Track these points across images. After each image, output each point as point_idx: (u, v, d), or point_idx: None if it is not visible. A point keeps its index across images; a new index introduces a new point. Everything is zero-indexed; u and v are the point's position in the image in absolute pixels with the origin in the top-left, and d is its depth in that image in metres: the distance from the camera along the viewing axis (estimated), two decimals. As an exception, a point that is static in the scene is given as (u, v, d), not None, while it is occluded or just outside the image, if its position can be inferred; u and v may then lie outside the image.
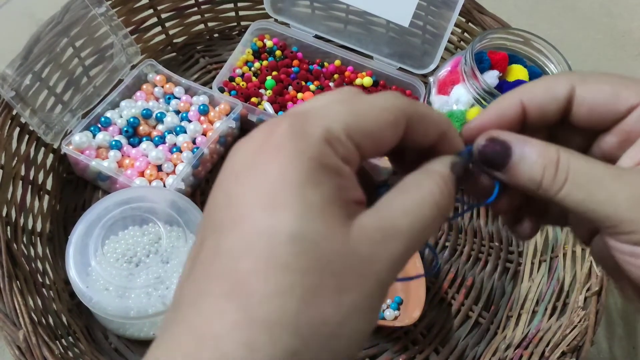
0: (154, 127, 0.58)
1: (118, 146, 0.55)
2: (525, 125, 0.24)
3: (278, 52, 0.65)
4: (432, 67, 0.61)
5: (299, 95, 0.62)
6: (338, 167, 0.19)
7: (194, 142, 0.57)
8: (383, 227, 0.19)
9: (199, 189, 0.58)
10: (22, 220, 0.50)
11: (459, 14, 0.59)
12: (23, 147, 0.53)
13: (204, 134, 0.58)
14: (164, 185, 0.54)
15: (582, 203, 0.21)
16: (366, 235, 0.19)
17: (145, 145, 0.55)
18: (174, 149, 0.56)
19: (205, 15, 0.69)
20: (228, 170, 0.20)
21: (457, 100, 0.51)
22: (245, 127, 0.61)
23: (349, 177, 0.19)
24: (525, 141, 0.22)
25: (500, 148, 0.22)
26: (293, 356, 0.17)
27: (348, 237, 0.18)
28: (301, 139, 0.18)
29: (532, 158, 0.22)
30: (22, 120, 0.53)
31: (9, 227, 0.48)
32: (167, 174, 0.55)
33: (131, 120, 0.57)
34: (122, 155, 0.55)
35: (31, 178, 0.53)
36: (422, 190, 0.20)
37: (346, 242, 0.18)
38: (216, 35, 0.70)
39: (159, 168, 0.55)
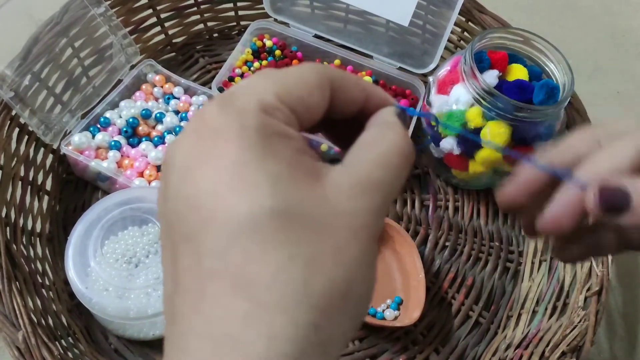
0: (154, 127, 0.58)
1: (117, 146, 0.55)
2: None
3: (277, 52, 0.65)
4: (432, 66, 0.61)
5: (299, 95, 0.62)
6: (286, 131, 0.19)
7: (193, 142, 0.57)
8: (358, 181, 0.19)
9: (199, 189, 0.58)
10: (21, 221, 0.50)
11: (459, 13, 0.58)
12: (22, 147, 0.53)
13: (204, 134, 0.57)
14: (164, 186, 0.54)
15: None
16: (343, 192, 0.18)
17: (144, 145, 0.55)
18: (174, 149, 0.56)
19: (205, 15, 0.69)
20: (172, 173, 0.18)
21: (456, 100, 0.51)
22: (244, 127, 0.61)
23: (300, 139, 0.19)
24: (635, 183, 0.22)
25: (619, 194, 0.22)
26: (316, 330, 0.16)
27: (325, 196, 0.18)
28: (238, 115, 0.18)
29: None
30: (22, 120, 0.53)
31: (8, 228, 0.48)
32: (167, 174, 0.55)
33: (130, 120, 0.57)
34: (122, 156, 0.55)
35: (30, 178, 0.53)
36: (386, 142, 0.20)
37: (326, 202, 0.18)
38: (216, 35, 0.70)
39: (159, 168, 0.55)
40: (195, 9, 0.68)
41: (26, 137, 0.54)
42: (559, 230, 0.24)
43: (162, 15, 0.66)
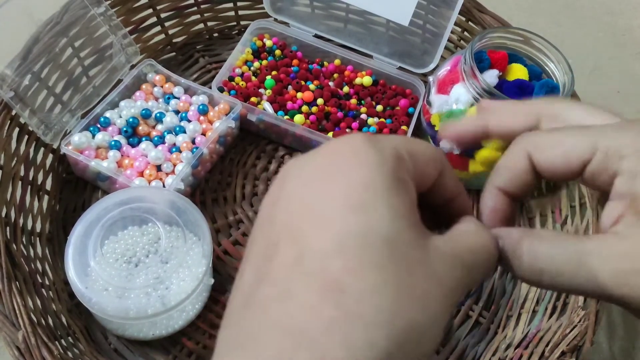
0: (154, 127, 0.58)
1: (117, 146, 0.55)
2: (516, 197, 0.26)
3: (278, 52, 0.65)
4: (432, 66, 0.61)
5: (299, 94, 0.62)
6: (408, 182, 0.20)
7: (193, 142, 0.57)
8: (454, 254, 0.20)
9: (199, 189, 0.58)
10: (21, 221, 0.50)
11: (459, 13, 0.58)
12: (22, 147, 0.53)
13: (204, 134, 0.57)
14: (164, 186, 0.54)
15: (567, 280, 0.22)
16: (441, 256, 0.20)
17: (144, 145, 0.55)
18: (174, 149, 0.56)
19: (205, 14, 0.69)
20: (296, 178, 0.20)
21: (456, 99, 0.51)
22: (244, 127, 0.61)
23: (415, 197, 0.21)
24: (500, 236, 0.24)
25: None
26: (388, 358, 0.17)
27: (427, 249, 0.19)
28: (377, 151, 0.20)
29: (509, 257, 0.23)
30: (22, 120, 0.53)
31: (8, 228, 0.48)
32: (167, 174, 0.55)
33: (130, 120, 0.57)
34: (122, 156, 0.55)
35: (30, 178, 0.53)
36: (482, 239, 0.22)
37: (427, 255, 0.19)
38: (216, 34, 0.70)
39: (159, 168, 0.55)
40: (195, 8, 0.68)
41: (26, 136, 0.54)
42: (457, 140, 0.27)
43: (162, 15, 0.66)
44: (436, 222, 0.25)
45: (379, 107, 0.62)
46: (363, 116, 0.61)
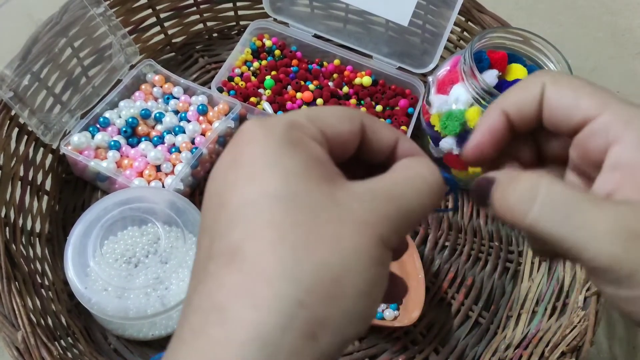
0: (153, 127, 0.58)
1: (117, 146, 0.55)
2: (515, 132, 0.25)
3: (277, 52, 0.65)
4: (432, 66, 0.61)
5: (298, 95, 0.62)
6: (307, 142, 0.20)
7: (192, 142, 0.57)
8: (372, 189, 0.20)
9: (198, 189, 0.58)
10: (20, 221, 0.50)
11: (459, 13, 0.58)
12: (22, 147, 0.53)
13: (203, 134, 0.57)
14: (163, 186, 0.54)
15: (556, 227, 0.20)
16: (355, 195, 0.19)
17: (144, 145, 0.55)
18: (173, 149, 0.56)
19: (204, 14, 0.69)
20: (211, 179, 0.21)
21: (456, 99, 0.51)
22: (244, 127, 0.61)
23: (321, 153, 0.21)
24: (507, 173, 0.23)
25: (485, 182, 0.23)
26: (299, 306, 0.17)
27: (335, 196, 0.19)
28: (266, 127, 0.20)
29: (506, 182, 0.22)
30: (21, 120, 0.53)
31: (7, 228, 0.48)
32: (166, 174, 0.55)
33: (130, 120, 0.57)
34: (121, 156, 0.55)
35: (30, 178, 0.53)
36: (411, 169, 0.22)
37: (334, 200, 0.19)
38: (215, 34, 0.70)
39: (158, 168, 0.55)
40: (194, 8, 0.68)
41: (25, 137, 0.54)
42: (482, 157, 0.25)
43: (162, 15, 0.66)
44: None
45: (379, 107, 0.62)
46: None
